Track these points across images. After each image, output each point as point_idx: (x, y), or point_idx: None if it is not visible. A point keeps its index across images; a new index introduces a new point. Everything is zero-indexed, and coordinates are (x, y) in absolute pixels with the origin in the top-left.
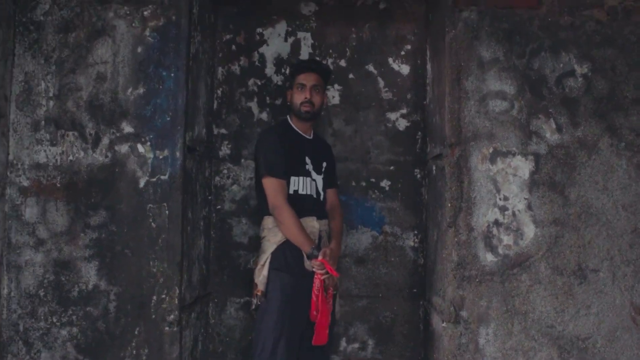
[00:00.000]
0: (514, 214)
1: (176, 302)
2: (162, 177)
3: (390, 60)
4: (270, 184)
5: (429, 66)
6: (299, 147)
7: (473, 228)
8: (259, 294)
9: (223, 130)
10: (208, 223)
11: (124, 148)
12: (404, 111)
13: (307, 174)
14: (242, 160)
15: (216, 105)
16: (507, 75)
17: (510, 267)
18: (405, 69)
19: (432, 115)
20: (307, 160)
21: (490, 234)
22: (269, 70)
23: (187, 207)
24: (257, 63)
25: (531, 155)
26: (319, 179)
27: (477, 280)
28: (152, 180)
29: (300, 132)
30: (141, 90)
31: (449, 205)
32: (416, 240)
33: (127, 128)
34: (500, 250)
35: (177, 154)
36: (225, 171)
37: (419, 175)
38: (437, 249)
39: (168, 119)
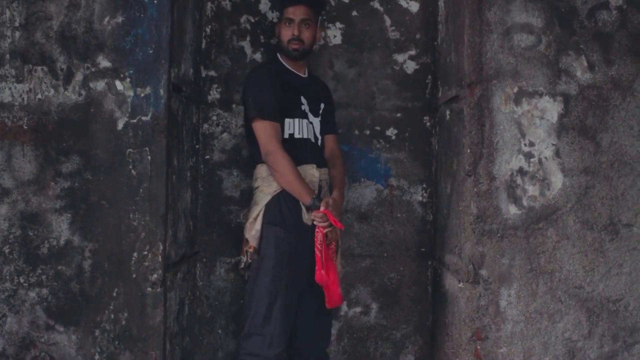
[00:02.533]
0: (540, 161)
1: (160, 259)
2: (144, 118)
3: None
4: (262, 127)
5: (441, 2)
6: (293, 86)
7: (495, 177)
8: (250, 250)
9: (212, 73)
10: (195, 175)
11: (100, 85)
12: (413, 52)
13: (303, 115)
14: (234, 105)
15: (204, 45)
16: (534, 6)
17: (536, 220)
18: (414, 6)
19: (446, 55)
20: (303, 100)
21: (513, 184)
22: (264, 5)
23: (172, 153)
24: None
25: (560, 96)
26: (317, 121)
27: (499, 235)
28: (132, 122)
29: (292, 70)
30: (120, 19)
31: (468, 151)
32: (425, 194)
33: (104, 62)
34: (524, 202)
35: (161, 91)
36: (214, 118)
37: (428, 124)
38: (452, 202)
39: (150, 51)
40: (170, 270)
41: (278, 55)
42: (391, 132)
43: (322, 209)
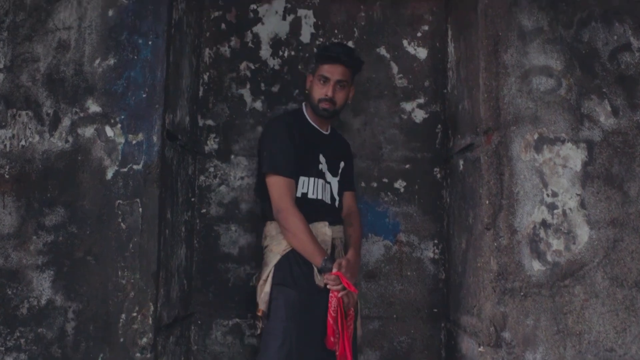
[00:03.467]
0: (564, 213)
1: (150, 322)
2: (135, 166)
3: (405, 42)
4: (275, 183)
5: (451, 48)
6: (313, 142)
7: (516, 230)
8: (259, 314)
9: (210, 122)
10: (191, 230)
11: (88, 131)
12: (421, 101)
13: (320, 175)
14: (232, 156)
15: (202, 93)
16: (553, 49)
17: (561, 277)
18: (422, 53)
19: (458, 102)
20: (321, 159)
21: (536, 238)
22: (264, 52)
23: (166, 205)
24: (250, 44)
25: (583, 142)
26: (334, 181)
27: (522, 293)
28: (122, 171)
29: (315, 125)
30: (111, 62)
31: (487, 202)
32: (436, 250)
33: (94, 107)
34: (549, 257)
35: (154, 138)
36: (211, 169)
37: (439, 175)
38: (468, 258)
39: (144, 95)
40: (162, 333)
41: (303, 106)
42: (400, 184)
43: (334, 270)
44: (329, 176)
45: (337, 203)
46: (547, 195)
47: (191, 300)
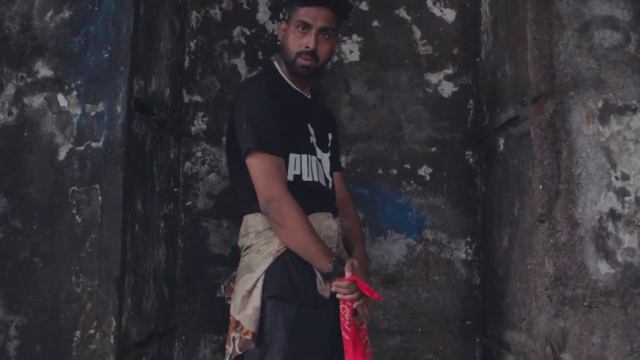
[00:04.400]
0: (637, 200)
1: (112, 340)
2: (94, 144)
3: (430, 2)
4: (260, 164)
5: (485, 6)
6: (298, 110)
7: (578, 223)
8: (247, 337)
9: (197, 98)
10: (173, 226)
11: (37, 101)
12: (449, 71)
13: (311, 150)
14: (224, 139)
15: (188, 63)
16: None
17: (635, 283)
18: (449, 15)
19: (495, 70)
20: (310, 129)
21: (603, 233)
22: (262, 15)
23: (135, 193)
24: (245, 6)
25: None
26: (326, 158)
27: (586, 303)
28: (78, 150)
29: (296, 88)
30: (66, 14)
31: (540, 188)
32: (469, 250)
33: (44, 70)
34: (619, 257)
35: (118, 108)
36: (199, 154)
37: (471, 159)
38: (512, 259)
39: (106, 55)
40: (129, 354)
41: (276, 65)
42: (424, 171)
43: (347, 275)
44: (319, 152)
45: (330, 185)
46: (616, 178)
47: (174, 311)
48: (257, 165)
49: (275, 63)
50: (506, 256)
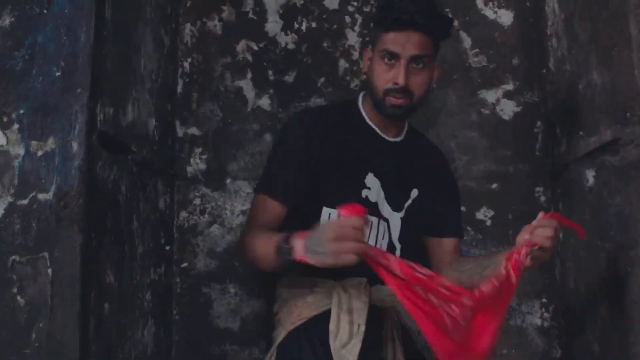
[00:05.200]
0: None
1: None
2: (42, 196)
3: (480, 2)
4: (255, 205)
5: (552, 3)
6: (360, 154)
7: None
8: None
9: (194, 130)
10: (166, 295)
11: None
12: (509, 87)
13: (364, 203)
14: (228, 180)
15: (182, 87)
16: None
17: None
18: (505, 17)
19: (575, 81)
20: (370, 180)
21: None
22: (272, 26)
23: (100, 260)
24: (251, 15)
25: None
26: (395, 218)
27: None
28: (20, 205)
29: (373, 126)
30: (6, 21)
31: None
32: (546, 314)
33: None
34: None
35: (74, 146)
36: (197, 201)
37: (543, 197)
38: (612, 331)
39: (57, 73)
40: None
41: (360, 98)
42: (484, 213)
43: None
44: (385, 209)
45: (397, 252)
46: None
47: None
48: (252, 206)
49: (361, 96)
50: (603, 327)
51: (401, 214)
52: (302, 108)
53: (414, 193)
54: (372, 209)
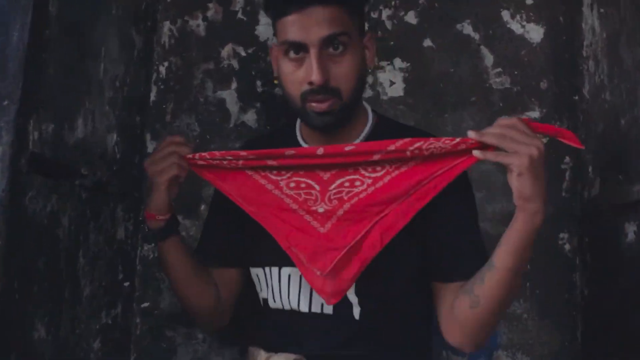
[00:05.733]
0: None
1: None
2: None
3: (507, 14)
4: None
5: (591, 20)
6: None
7: None
8: None
9: None
10: (122, 340)
11: None
12: (535, 113)
13: (288, 260)
14: (203, 207)
15: (155, 95)
16: None
17: None
18: (535, 33)
19: (616, 113)
20: None
21: None
22: (264, 29)
23: (25, 312)
24: (240, 15)
25: None
26: None
27: None
28: None
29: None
30: None
31: None
32: None
33: None
34: None
35: None
36: None
37: (568, 246)
38: None
39: None
40: None
41: (298, 121)
42: None
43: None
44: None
45: (355, 309)
46: None
47: None
48: None
49: (298, 121)
50: None
51: None
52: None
53: None
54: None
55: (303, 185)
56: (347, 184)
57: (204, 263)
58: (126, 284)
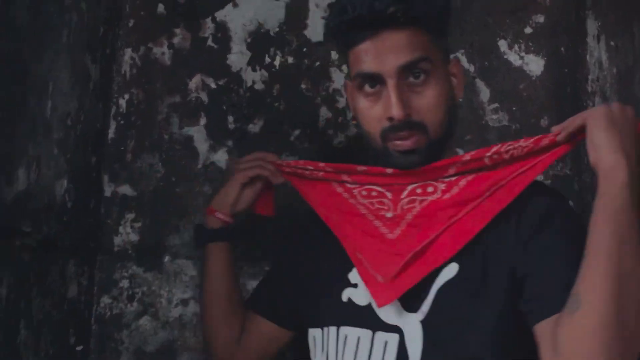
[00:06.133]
0: None
1: None
2: None
3: (504, 44)
4: None
5: (597, 52)
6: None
7: None
8: None
9: (126, 189)
10: None
11: None
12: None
13: (350, 317)
14: (167, 258)
15: (114, 132)
16: None
17: None
18: (534, 64)
19: None
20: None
21: None
22: (237, 58)
23: None
24: (210, 42)
25: None
26: (411, 324)
27: None
28: None
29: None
30: None
31: None
32: None
33: None
34: None
35: None
36: (124, 283)
37: None
38: None
39: None
40: None
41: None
42: None
43: None
44: (390, 312)
45: None
46: None
47: None
48: None
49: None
50: None
51: (420, 316)
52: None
53: (450, 271)
54: (360, 316)
55: (374, 193)
56: (419, 190)
57: (247, 305)
58: (79, 347)
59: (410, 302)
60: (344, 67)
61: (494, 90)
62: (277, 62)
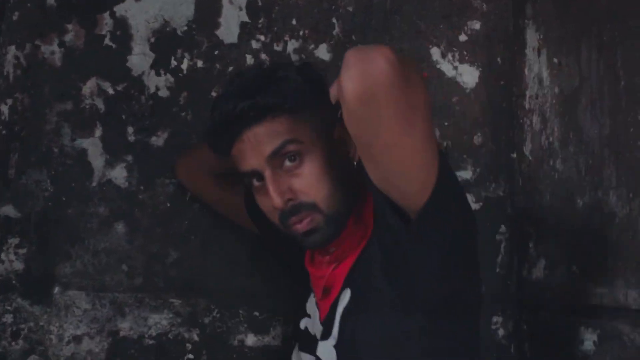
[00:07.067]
0: None
1: None
2: None
3: (437, 52)
4: None
5: (536, 65)
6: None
7: None
8: None
9: (9, 210)
10: None
11: None
12: (467, 174)
13: (305, 340)
14: (57, 289)
15: None
16: None
17: None
18: (468, 76)
19: (572, 192)
20: (312, 302)
21: None
22: (138, 60)
23: None
24: (108, 41)
25: None
26: (326, 349)
27: None
28: None
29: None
30: None
31: None
32: None
33: None
34: None
35: None
36: (7, 318)
37: (502, 330)
38: None
39: None
40: None
41: None
42: None
43: None
44: (320, 342)
45: None
46: None
47: None
48: None
49: None
50: None
51: (333, 341)
52: (163, 193)
53: (345, 296)
54: (310, 345)
55: None
56: None
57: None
58: None
59: (322, 331)
60: None
61: None
62: (184, 66)
